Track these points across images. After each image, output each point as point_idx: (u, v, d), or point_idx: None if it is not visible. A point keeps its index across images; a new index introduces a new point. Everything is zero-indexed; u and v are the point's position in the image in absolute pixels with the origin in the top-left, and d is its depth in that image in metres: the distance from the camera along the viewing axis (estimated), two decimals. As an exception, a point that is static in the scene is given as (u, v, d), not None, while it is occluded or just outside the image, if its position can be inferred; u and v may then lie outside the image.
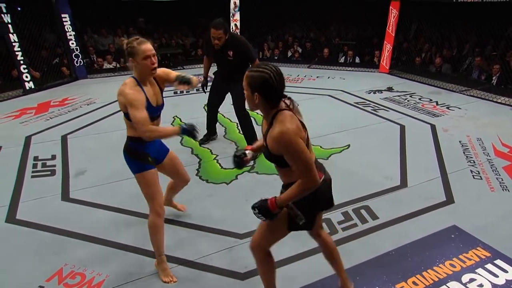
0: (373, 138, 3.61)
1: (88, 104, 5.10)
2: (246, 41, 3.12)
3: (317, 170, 1.47)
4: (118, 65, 7.36)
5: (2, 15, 5.27)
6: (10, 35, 5.39)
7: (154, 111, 1.96)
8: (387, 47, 6.41)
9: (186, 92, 5.44)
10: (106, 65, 7.23)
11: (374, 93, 5.18)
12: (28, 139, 3.90)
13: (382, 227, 2.34)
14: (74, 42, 6.42)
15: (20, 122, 4.35)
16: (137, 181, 1.94)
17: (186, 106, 4.73)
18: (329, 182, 1.60)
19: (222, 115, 4.34)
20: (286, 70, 6.79)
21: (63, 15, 6.18)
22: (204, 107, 4.46)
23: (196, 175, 3.09)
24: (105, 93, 5.63)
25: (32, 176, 3.15)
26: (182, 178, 2.24)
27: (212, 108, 3.60)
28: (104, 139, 3.88)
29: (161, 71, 2.03)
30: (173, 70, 2.17)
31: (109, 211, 2.56)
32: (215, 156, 3.43)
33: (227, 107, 3.74)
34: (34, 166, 3.34)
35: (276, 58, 8.00)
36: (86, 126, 4.26)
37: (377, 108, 4.47)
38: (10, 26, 5.35)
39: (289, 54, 7.88)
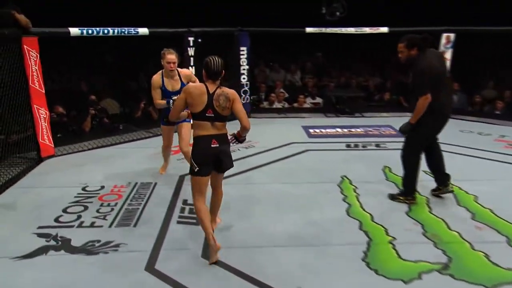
0: None
1: (246, 148, 5.55)
2: (422, 71, 3.44)
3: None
4: (285, 105, 8.12)
5: (189, 48, 6.42)
6: (190, 67, 6.45)
7: (169, 94, 4.03)
8: None
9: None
10: (276, 104, 7.89)
11: None
12: (181, 179, 4.41)
13: None
14: (246, 77, 7.33)
15: (177, 159, 4.95)
16: None
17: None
18: (207, 149, 2.89)
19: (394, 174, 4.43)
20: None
21: (241, 48, 7.16)
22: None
23: (363, 260, 2.92)
24: (267, 136, 6.02)
25: (178, 222, 3.49)
26: None
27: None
28: (256, 192, 4.09)
29: (188, 72, 4.30)
30: (348, 116, 2.33)
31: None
32: (391, 238, 3.21)
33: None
34: (182, 210, 3.70)
35: (498, 113, 7.19)
36: (240, 173, 4.55)
37: None
38: (191, 59, 6.48)
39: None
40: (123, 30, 5.55)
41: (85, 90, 7.17)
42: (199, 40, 6.58)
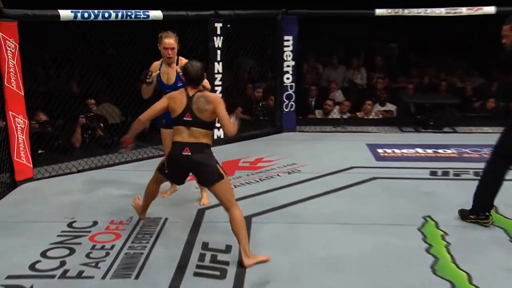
0: None
1: (289, 173, 5.62)
2: None
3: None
4: (343, 117, 7.96)
5: (215, 38, 6.51)
6: (216, 63, 6.60)
7: (164, 87, 4.40)
8: None
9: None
10: (333, 114, 7.87)
11: None
12: (201, 213, 4.46)
13: None
14: (290, 77, 7.36)
15: (196, 187, 4.89)
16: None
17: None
18: (182, 159, 3.55)
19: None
20: None
21: (285, 38, 7.23)
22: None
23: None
24: (318, 158, 6.07)
25: (195, 273, 3.49)
26: None
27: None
28: (300, 238, 4.04)
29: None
30: (433, 131, 2.42)
31: None
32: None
33: None
34: (201, 257, 3.70)
35: None
36: (279, 208, 4.59)
37: None
38: (219, 52, 6.63)
39: None
40: (129, 13, 5.70)
41: (77, 92, 7.36)
42: (228, 26, 6.66)
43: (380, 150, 6.50)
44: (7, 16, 4.85)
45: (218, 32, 6.55)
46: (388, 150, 6.50)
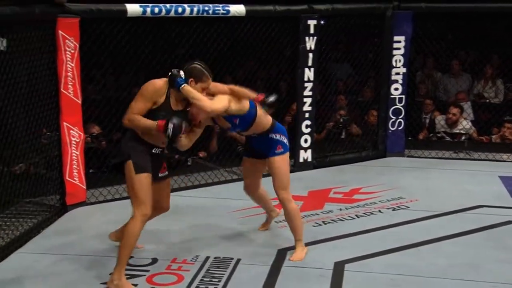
0: None
1: (393, 209, 5.61)
2: None
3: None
4: (467, 134, 7.79)
5: (307, 38, 6.62)
6: (306, 69, 6.67)
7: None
8: None
9: None
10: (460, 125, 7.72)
11: None
12: (281, 255, 4.46)
13: None
14: (400, 87, 7.31)
15: (275, 220, 5.06)
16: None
17: None
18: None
19: None
20: None
21: (396, 38, 7.21)
22: None
23: None
24: (433, 191, 6.07)
25: None
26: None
27: None
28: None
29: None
30: None
31: None
32: None
33: None
34: None
35: None
36: (379, 255, 4.53)
37: None
38: (310, 55, 6.69)
39: None
40: (207, 8, 5.91)
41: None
42: (322, 22, 6.68)
43: (518, 186, 6.25)
44: (68, 11, 5.13)
45: (312, 31, 6.61)
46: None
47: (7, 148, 4.81)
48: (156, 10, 5.60)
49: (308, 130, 6.90)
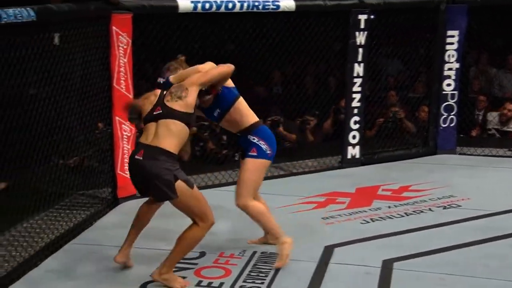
0: None
1: (444, 207, 5.57)
2: None
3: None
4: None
5: (357, 33, 6.62)
6: (356, 65, 6.70)
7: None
8: None
9: None
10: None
11: None
12: (328, 252, 4.48)
13: None
14: (452, 83, 7.23)
15: (322, 217, 5.12)
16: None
17: None
18: (134, 164, 3.71)
19: None
20: None
21: (449, 33, 7.16)
22: None
23: None
24: (487, 190, 6.02)
25: None
26: None
27: None
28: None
29: None
30: None
31: None
32: None
33: None
34: None
35: None
36: (428, 254, 4.49)
37: None
38: (360, 50, 6.69)
39: None
40: (257, 4, 5.96)
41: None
42: (372, 16, 6.66)
43: None
44: (121, 7, 5.29)
45: (362, 25, 6.60)
46: None
47: (62, 142, 4.96)
48: (207, 6, 5.68)
49: (357, 126, 6.89)
